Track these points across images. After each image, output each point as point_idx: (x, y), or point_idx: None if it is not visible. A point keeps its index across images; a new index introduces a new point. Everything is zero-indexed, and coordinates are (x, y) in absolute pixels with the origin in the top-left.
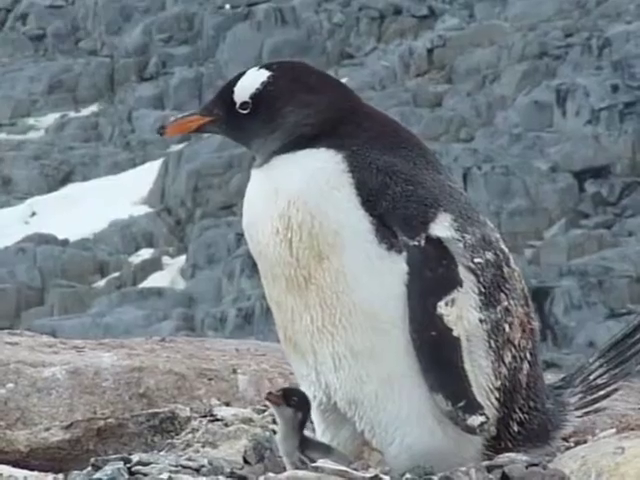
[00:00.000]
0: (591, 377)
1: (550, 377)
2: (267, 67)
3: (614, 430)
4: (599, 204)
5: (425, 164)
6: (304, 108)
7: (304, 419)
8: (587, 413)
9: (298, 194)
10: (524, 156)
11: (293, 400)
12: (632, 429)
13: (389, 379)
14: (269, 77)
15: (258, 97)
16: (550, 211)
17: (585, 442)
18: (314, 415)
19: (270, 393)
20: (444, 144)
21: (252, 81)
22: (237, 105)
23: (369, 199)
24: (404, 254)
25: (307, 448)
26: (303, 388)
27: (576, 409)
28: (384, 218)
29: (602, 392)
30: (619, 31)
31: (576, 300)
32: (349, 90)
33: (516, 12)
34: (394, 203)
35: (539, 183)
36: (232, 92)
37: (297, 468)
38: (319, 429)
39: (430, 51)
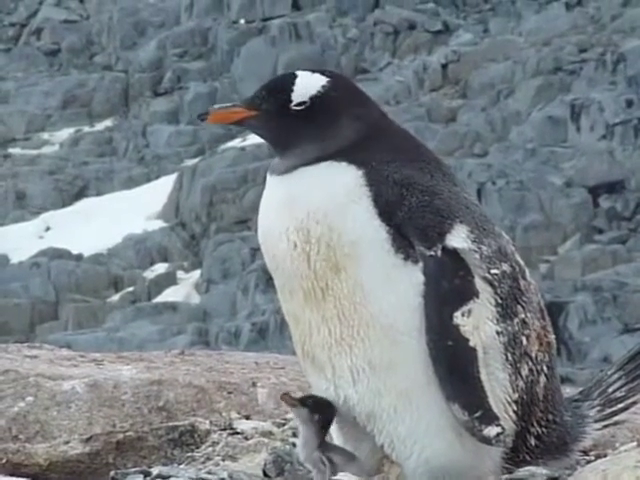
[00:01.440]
0: (609, 390)
1: (565, 392)
2: (321, 72)
3: (635, 443)
4: (613, 219)
5: (442, 176)
6: (355, 120)
7: (325, 424)
8: (606, 426)
9: (317, 207)
10: (538, 171)
11: (308, 401)
12: None
13: (407, 391)
14: (328, 82)
15: (318, 100)
16: (564, 226)
17: (606, 455)
18: (333, 430)
19: (286, 394)
20: (458, 159)
21: (313, 83)
22: (293, 103)
23: (386, 210)
24: (420, 264)
25: (329, 451)
26: None
27: (595, 422)
28: (400, 228)
29: (621, 405)
30: (633, 46)
31: (590, 315)
32: (378, 105)
33: (530, 27)
34: (410, 213)
35: (553, 198)
36: (289, 90)
37: (319, 469)
38: (338, 442)
39: (444, 66)
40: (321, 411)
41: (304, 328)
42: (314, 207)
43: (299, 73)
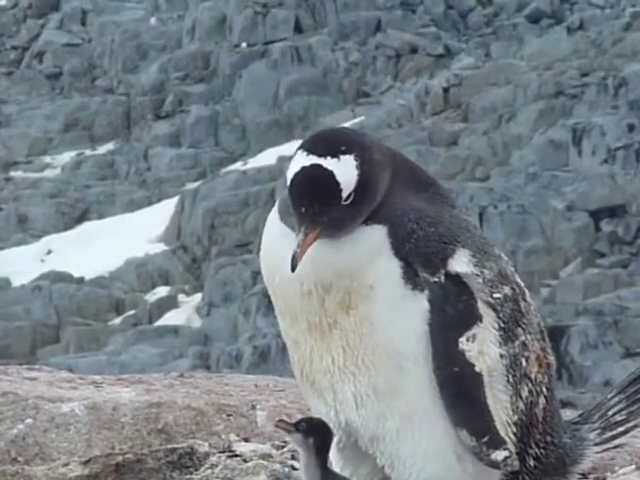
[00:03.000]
0: (609, 413)
1: (566, 415)
2: (340, 151)
3: (633, 466)
4: (615, 243)
5: (441, 200)
6: (386, 175)
7: (323, 447)
8: (606, 449)
9: (346, 266)
10: (540, 195)
11: (301, 425)
12: None
13: (410, 415)
14: (356, 158)
15: (360, 185)
16: (566, 250)
17: (605, 479)
18: (333, 453)
19: (281, 420)
20: (460, 183)
21: (350, 172)
22: (343, 200)
23: (399, 247)
24: (426, 292)
25: (331, 478)
26: None
27: (594, 445)
28: (408, 259)
29: (621, 428)
30: (635, 70)
31: (592, 339)
32: (379, 141)
33: (532, 51)
34: (417, 243)
35: (555, 222)
36: (339, 192)
37: None
38: (337, 467)
39: (446, 90)
40: (316, 434)
41: (304, 353)
42: (341, 267)
43: (330, 167)
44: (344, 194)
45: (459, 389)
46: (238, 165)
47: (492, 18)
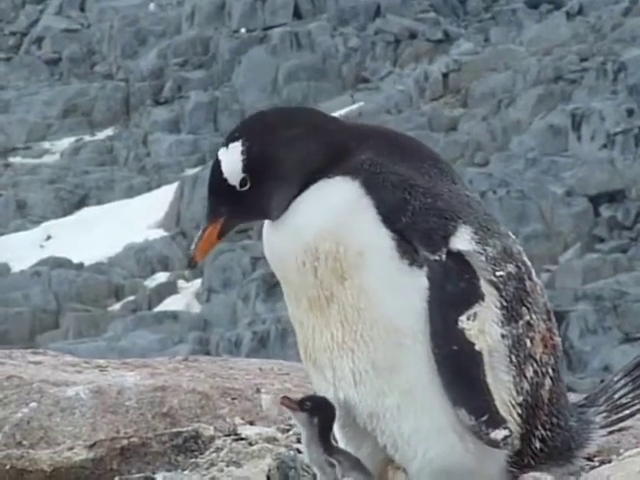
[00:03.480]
0: (615, 396)
1: (570, 399)
2: (232, 139)
3: (639, 449)
4: (614, 228)
5: (440, 175)
6: (296, 150)
7: (325, 425)
8: (611, 432)
9: (322, 226)
10: (539, 180)
11: (306, 404)
12: None
13: (411, 391)
14: (243, 143)
15: (249, 166)
16: (565, 235)
17: (610, 461)
18: (336, 430)
19: (285, 397)
20: (459, 168)
21: (233, 157)
22: (237, 187)
23: (390, 216)
24: (425, 269)
25: (335, 454)
26: None
27: (600, 427)
28: (404, 233)
29: (627, 411)
30: (634, 55)
31: (591, 324)
32: (325, 114)
33: (531, 36)
34: (414, 218)
35: (554, 207)
36: (223, 180)
37: (324, 471)
38: (341, 443)
39: (445, 75)
40: (320, 413)
41: (307, 332)
42: (319, 228)
43: (220, 156)
44: (232, 182)
45: (458, 368)
46: None
47: (491, 3)
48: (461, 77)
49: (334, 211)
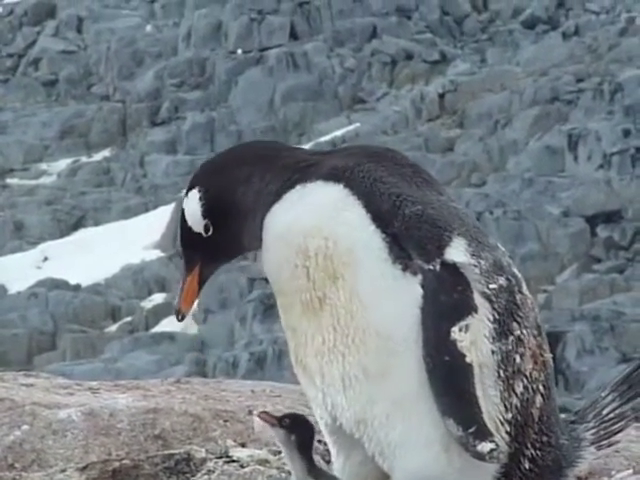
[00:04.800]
0: (604, 412)
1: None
2: (190, 187)
3: (631, 471)
4: (611, 248)
5: (425, 184)
6: (250, 183)
7: (304, 444)
8: (600, 448)
9: (310, 224)
10: (536, 201)
11: (285, 421)
12: None
13: (400, 400)
14: (199, 189)
15: (209, 211)
16: (562, 256)
17: None
18: (326, 438)
19: (264, 412)
20: (456, 189)
21: (192, 205)
22: (203, 234)
23: (380, 217)
24: (419, 277)
25: (317, 473)
26: (313, 410)
27: (590, 444)
28: (397, 238)
29: (615, 427)
30: (630, 76)
31: (588, 345)
32: (285, 145)
33: (528, 57)
34: (406, 224)
35: (551, 228)
36: (189, 229)
37: None
38: (333, 451)
39: (442, 96)
40: (299, 431)
41: (300, 339)
42: (308, 226)
43: (184, 206)
44: (197, 229)
45: (448, 378)
46: None
47: (487, 24)
48: (457, 98)
49: (320, 209)
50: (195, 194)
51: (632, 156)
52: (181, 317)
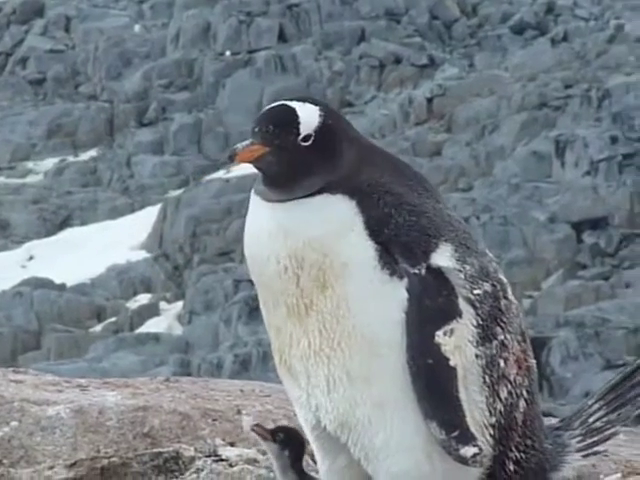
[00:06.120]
0: (590, 420)
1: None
2: (308, 102)
3: (619, 475)
4: (597, 255)
5: (425, 192)
6: (351, 146)
7: (296, 457)
8: (586, 455)
9: (314, 237)
10: (522, 206)
11: (279, 436)
12: (638, 474)
13: (383, 404)
14: (322, 111)
15: (321, 131)
16: (548, 261)
17: None
18: (312, 441)
19: (257, 425)
20: (443, 193)
21: (312, 114)
22: (300, 137)
23: (375, 229)
24: (405, 281)
25: None
26: (297, 411)
27: (575, 451)
28: (387, 245)
29: (601, 435)
30: (619, 83)
31: (573, 351)
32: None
33: (516, 62)
34: (397, 231)
35: (537, 233)
36: (297, 124)
37: None
38: (318, 456)
39: (430, 100)
40: (292, 445)
41: (284, 339)
42: (310, 237)
43: (294, 105)
44: (302, 129)
45: (432, 382)
46: (221, 173)
47: (476, 29)
48: (445, 102)
49: (327, 226)
50: (317, 110)
51: (619, 163)
52: (232, 159)
